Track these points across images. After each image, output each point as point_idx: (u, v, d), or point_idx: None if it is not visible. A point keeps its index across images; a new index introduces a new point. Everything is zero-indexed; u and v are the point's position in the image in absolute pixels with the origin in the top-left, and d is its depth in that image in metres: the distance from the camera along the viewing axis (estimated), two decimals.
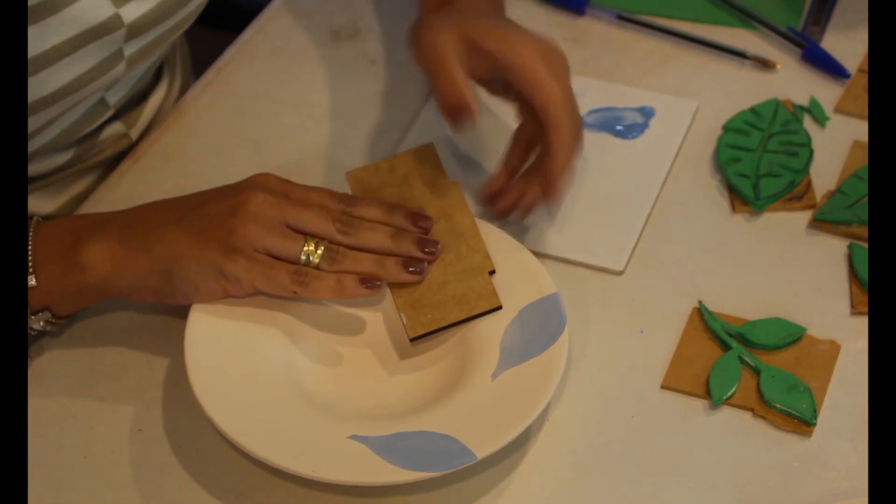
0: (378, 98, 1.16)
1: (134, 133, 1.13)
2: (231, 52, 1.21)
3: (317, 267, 0.93)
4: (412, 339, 0.95)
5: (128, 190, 1.09)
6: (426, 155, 1.02)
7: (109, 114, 1.08)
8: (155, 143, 1.13)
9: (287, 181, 0.95)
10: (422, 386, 0.94)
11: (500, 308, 0.95)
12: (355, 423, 0.90)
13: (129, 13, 0.99)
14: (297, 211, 0.93)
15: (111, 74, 1.00)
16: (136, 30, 1.00)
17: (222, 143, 1.13)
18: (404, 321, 0.95)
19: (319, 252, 0.93)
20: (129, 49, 1.01)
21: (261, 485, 0.91)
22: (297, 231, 0.93)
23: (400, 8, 1.23)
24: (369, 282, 0.93)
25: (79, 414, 0.95)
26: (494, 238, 0.99)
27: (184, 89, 1.20)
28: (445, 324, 0.95)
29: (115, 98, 1.07)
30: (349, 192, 1.00)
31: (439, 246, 0.96)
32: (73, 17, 0.95)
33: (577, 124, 0.98)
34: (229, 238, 0.91)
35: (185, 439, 0.93)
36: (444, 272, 0.97)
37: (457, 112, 0.96)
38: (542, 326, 0.94)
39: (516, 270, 0.97)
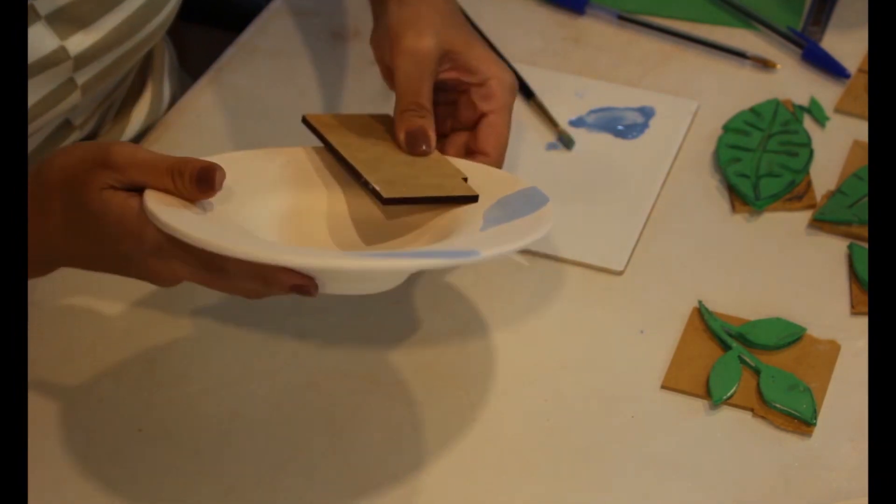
0: (378, 98, 1.16)
1: None
2: (231, 52, 1.21)
3: None
4: (386, 201, 0.89)
5: None
6: (387, 118, 0.99)
7: (76, 134, 1.07)
8: (154, 144, 1.13)
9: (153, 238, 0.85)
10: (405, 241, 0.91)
11: (476, 199, 0.91)
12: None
13: (75, 45, 0.98)
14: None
15: (66, 103, 1.00)
16: (84, 60, 0.99)
17: (222, 143, 1.13)
18: (377, 187, 0.89)
19: None
20: (82, 77, 1.00)
21: (261, 485, 0.91)
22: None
23: None
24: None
25: (79, 414, 0.95)
26: (463, 165, 0.96)
27: (175, 96, 1.19)
28: (421, 194, 0.90)
29: (80, 119, 1.07)
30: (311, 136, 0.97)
31: None
32: None
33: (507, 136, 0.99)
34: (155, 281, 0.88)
35: (185, 439, 0.93)
36: (417, 170, 0.93)
37: (415, 140, 0.95)
38: (524, 204, 0.90)
39: (489, 178, 0.94)
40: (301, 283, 0.82)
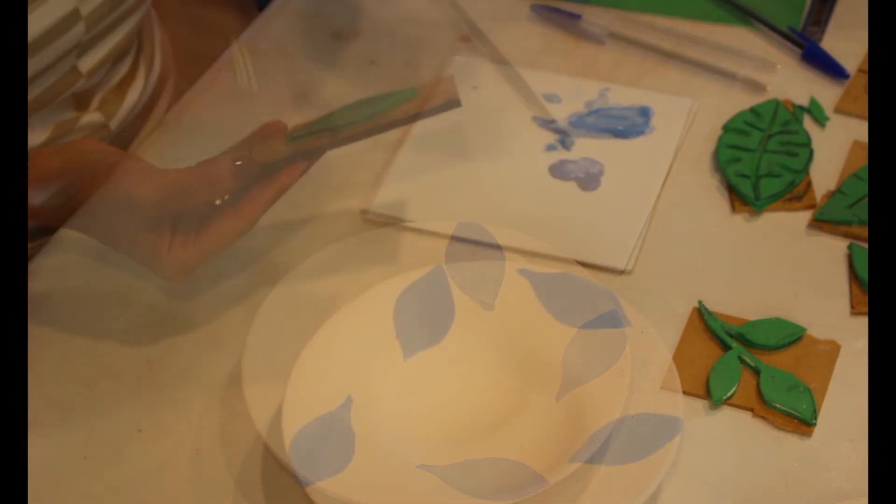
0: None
1: (114, 124, 1.13)
2: (231, 52, 1.21)
3: None
4: None
5: None
6: None
7: (82, 82, 1.07)
8: (155, 143, 1.13)
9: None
10: (487, 406, 0.93)
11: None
12: (423, 449, 0.89)
13: None
14: None
15: (71, 35, 1.01)
16: None
17: (222, 143, 1.13)
18: None
19: None
20: (85, 8, 1.01)
21: (260, 485, 0.91)
22: None
23: (400, 8, 1.23)
24: None
25: (79, 414, 0.95)
26: (543, 249, 0.98)
27: (163, 82, 1.19)
28: None
29: (87, 66, 1.07)
30: None
31: None
32: None
33: None
34: None
35: (185, 439, 0.93)
36: None
37: None
38: (602, 345, 0.93)
39: (570, 290, 0.96)
40: None
